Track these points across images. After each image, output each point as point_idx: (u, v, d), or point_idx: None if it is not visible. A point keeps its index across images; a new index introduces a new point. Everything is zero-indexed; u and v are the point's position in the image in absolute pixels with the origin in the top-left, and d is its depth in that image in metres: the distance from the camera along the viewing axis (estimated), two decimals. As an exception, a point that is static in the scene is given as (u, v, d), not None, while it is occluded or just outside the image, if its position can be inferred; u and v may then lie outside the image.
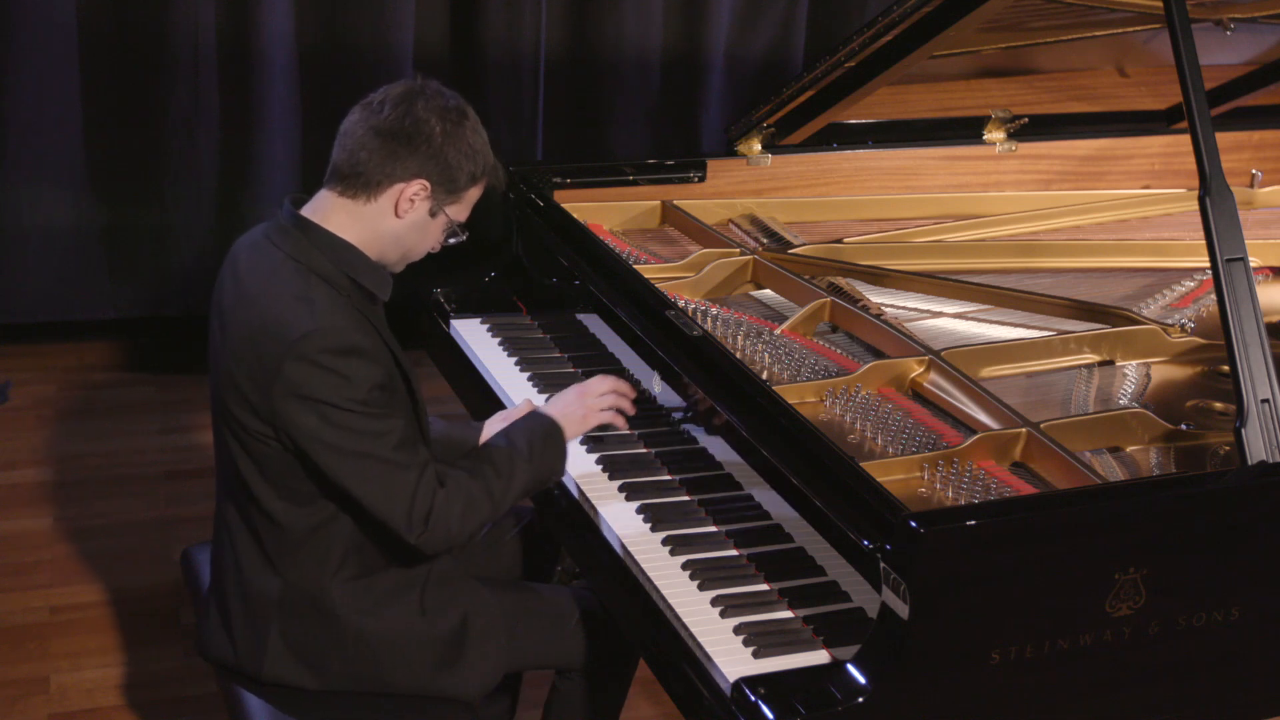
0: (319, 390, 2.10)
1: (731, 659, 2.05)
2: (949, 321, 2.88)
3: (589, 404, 2.40)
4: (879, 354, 2.67)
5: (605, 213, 3.24)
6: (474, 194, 2.27)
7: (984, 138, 3.49)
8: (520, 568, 2.67)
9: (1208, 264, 2.26)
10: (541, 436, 2.34)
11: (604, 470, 2.52)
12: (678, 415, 2.52)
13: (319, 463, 2.14)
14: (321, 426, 2.11)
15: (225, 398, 2.18)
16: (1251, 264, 2.27)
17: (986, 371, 2.63)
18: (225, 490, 2.31)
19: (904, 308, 2.92)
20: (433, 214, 2.22)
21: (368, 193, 2.19)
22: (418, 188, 2.19)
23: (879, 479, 2.09)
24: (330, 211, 2.21)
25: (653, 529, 2.34)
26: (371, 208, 2.20)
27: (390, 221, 2.21)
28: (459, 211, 2.26)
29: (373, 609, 2.27)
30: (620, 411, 2.45)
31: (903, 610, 1.93)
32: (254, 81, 4.46)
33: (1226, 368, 2.27)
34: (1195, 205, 2.29)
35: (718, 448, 2.44)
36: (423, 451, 2.20)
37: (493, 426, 2.55)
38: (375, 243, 2.22)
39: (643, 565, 2.26)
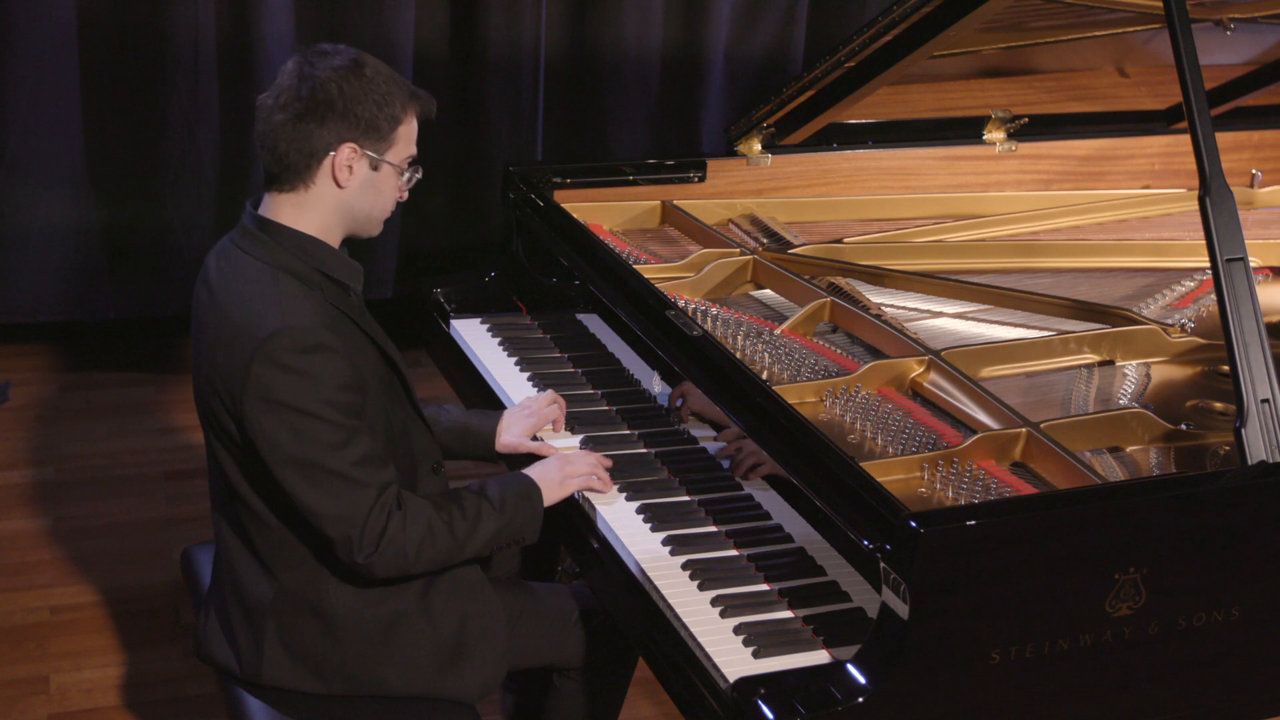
0: (285, 395, 2.08)
1: (731, 659, 2.04)
2: (949, 321, 2.88)
3: (566, 471, 2.40)
4: (879, 354, 2.66)
5: (605, 213, 3.23)
6: (407, 130, 2.22)
7: (984, 138, 3.49)
8: (520, 568, 2.67)
9: (1208, 264, 2.26)
10: (515, 493, 2.32)
11: (604, 470, 2.52)
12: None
13: (275, 472, 2.12)
14: (283, 433, 2.09)
15: (210, 403, 2.18)
16: (1251, 264, 2.27)
17: (986, 371, 2.63)
18: (216, 495, 2.31)
19: (904, 308, 2.92)
20: (375, 168, 2.19)
21: (303, 179, 2.17)
22: (347, 152, 2.16)
23: (879, 479, 2.08)
24: (280, 209, 2.20)
25: (653, 529, 2.34)
26: (314, 191, 2.18)
27: (337, 194, 2.19)
28: (400, 152, 2.22)
29: (371, 604, 2.26)
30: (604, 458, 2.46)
31: (903, 610, 1.93)
32: (254, 81, 4.46)
33: (1226, 368, 2.27)
34: (1195, 205, 2.29)
35: (718, 448, 2.44)
36: (387, 471, 2.18)
37: (510, 418, 2.57)
38: (336, 219, 2.21)
39: (643, 565, 2.26)
